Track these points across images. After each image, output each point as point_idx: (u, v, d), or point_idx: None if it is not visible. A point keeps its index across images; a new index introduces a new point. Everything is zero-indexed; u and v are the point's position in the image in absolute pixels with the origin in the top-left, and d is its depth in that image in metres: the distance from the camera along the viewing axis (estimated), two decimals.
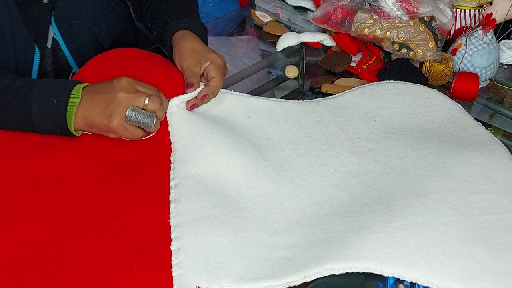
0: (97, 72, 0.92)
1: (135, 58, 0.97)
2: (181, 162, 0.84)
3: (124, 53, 0.98)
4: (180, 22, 0.98)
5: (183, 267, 0.69)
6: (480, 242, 0.71)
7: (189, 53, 0.93)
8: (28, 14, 0.96)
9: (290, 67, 1.16)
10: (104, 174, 0.81)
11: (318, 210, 0.80)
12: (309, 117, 0.97)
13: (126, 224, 0.74)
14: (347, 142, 0.92)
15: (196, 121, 0.88)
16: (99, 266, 0.69)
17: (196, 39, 0.96)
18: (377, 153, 0.89)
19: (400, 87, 1.03)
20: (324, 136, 0.93)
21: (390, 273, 0.67)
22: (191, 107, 0.90)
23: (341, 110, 0.99)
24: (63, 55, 1.06)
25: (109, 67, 0.93)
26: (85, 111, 0.82)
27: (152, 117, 0.83)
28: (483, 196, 0.79)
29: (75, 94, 0.82)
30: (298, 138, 0.92)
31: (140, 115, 0.82)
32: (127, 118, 0.82)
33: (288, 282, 0.68)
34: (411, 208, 0.75)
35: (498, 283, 0.67)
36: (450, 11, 1.13)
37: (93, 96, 0.83)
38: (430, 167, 0.84)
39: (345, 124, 0.96)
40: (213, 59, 0.92)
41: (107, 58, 0.96)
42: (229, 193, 0.81)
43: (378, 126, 0.95)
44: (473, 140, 0.91)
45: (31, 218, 0.74)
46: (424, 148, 0.89)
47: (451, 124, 0.96)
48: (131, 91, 0.83)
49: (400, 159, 0.87)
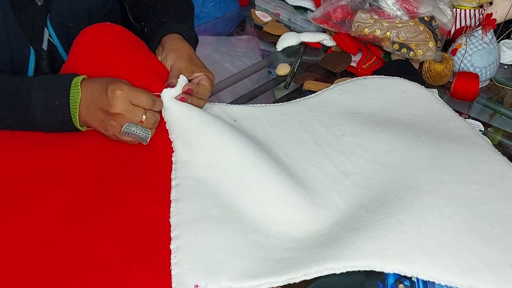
0: (87, 57, 0.90)
1: (122, 40, 0.94)
2: (183, 163, 0.84)
3: (112, 30, 0.95)
4: (176, 25, 0.98)
5: (182, 266, 0.69)
6: (476, 233, 0.72)
7: (187, 57, 0.93)
8: (23, 16, 0.96)
9: (283, 65, 1.16)
10: (105, 172, 0.81)
11: (317, 213, 0.80)
12: (292, 119, 0.97)
13: (126, 223, 0.75)
14: (333, 140, 0.92)
15: (189, 114, 0.87)
16: (99, 264, 0.69)
17: (190, 47, 0.96)
18: (365, 149, 0.89)
19: (377, 82, 1.03)
20: (310, 136, 0.93)
21: (390, 269, 0.67)
22: (181, 99, 0.88)
23: (322, 108, 0.99)
24: (59, 56, 1.05)
25: (98, 51, 0.90)
26: (84, 113, 0.83)
27: (148, 132, 0.84)
28: (474, 186, 0.79)
29: (74, 91, 0.82)
30: (285, 140, 0.92)
31: (136, 130, 0.83)
32: (123, 132, 0.82)
33: (288, 279, 0.68)
34: (405, 202, 0.76)
35: (496, 273, 0.67)
36: (450, 11, 1.13)
37: (91, 102, 0.82)
38: (419, 159, 0.84)
39: (328, 122, 0.96)
40: (208, 73, 0.93)
41: (95, 37, 0.93)
42: (229, 193, 0.81)
43: (361, 121, 0.95)
44: (455, 133, 0.92)
45: (31, 216, 0.74)
46: (410, 139, 0.89)
47: (431, 117, 0.96)
48: (126, 108, 0.81)
49: (388, 153, 0.87)
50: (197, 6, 1.40)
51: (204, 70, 0.93)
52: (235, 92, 1.10)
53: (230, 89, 1.11)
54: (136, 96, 0.82)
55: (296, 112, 0.99)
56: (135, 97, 0.82)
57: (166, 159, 0.85)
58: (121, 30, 0.95)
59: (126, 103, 0.81)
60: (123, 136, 0.83)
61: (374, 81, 1.04)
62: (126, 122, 0.82)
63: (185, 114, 0.87)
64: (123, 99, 0.81)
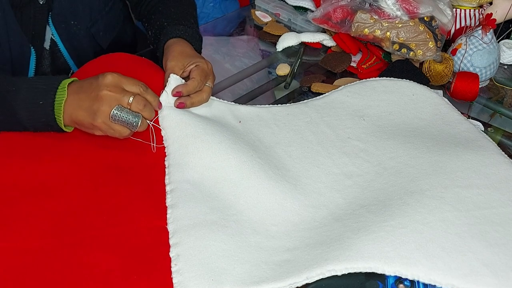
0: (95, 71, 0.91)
1: (125, 63, 0.97)
2: (176, 166, 0.83)
3: (114, 58, 0.98)
4: (175, 28, 0.98)
5: (183, 274, 0.68)
6: (478, 237, 0.72)
7: (177, 55, 0.93)
8: (24, 15, 0.96)
9: (283, 65, 1.16)
10: (99, 181, 0.80)
11: (315, 213, 0.80)
12: (298, 119, 0.97)
13: (124, 232, 0.73)
14: (338, 141, 0.92)
15: (189, 123, 0.88)
16: (97, 275, 0.68)
17: (187, 45, 0.96)
18: (369, 153, 0.89)
19: (386, 84, 1.03)
20: (315, 136, 0.93)
21: (392, 272, 0.67)
22: (178, 105, 0.89)
23: (330, 109, 0.99)
24: (61, 55, 1.05)
25: (107, 66, 0.92)
26: (70, 108, 0.82)
27: (138, 117, 0.82)
28: (477, 191, 0.79)
29: (60, 92, 0.82)
30: (290, 140, 0.92)
31: (126, 114, 0.81)
32: (112, 117, 0.81)
33: (290, 284, 0.68)
34: (408, 206, 0.76)
35: (499, 277, 0.67)
36: (450, 11, 1.13)
37: (79, 95, 0.82)
38: (423, 165, 0.84)
39: (334, 123, 0.96)
40: (199, 63, 0.92)
41: (97, 64, 0.95)
42: (226, 195, 0.80)
43: (367, 125, 0.95)
44: (462, 137, 0.91)
45: (27, 228, 0.73)
46: (415, 147, 0.89)
47: (439, 120, 0.96)
48: (116, 89, 0.81)
49: (392, 159, 0.87)
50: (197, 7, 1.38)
51: (195, 61, 0.92)
52: (235, 92, 1.10)
53: (230, 89, 1.11)
54: (126, 80, 0.83)
55: (303, 112, 0.98)
56: (126, 81, 0.83)
57: (159, 164, 0.84)
58: (125, 56, 0.98)
59: (116, 85, 0.81)
60: (113, 123, 0.81)
61: (383, 83, 1.03)
62: (115, 106, 0.80)
63: (185, 121, 0.87)
64: (113, 81, 0.81)
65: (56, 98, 0.81)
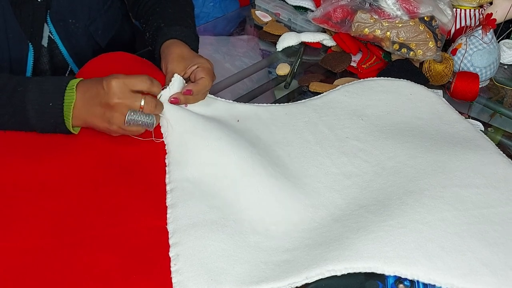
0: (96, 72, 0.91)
1: (126, 62, 0.96)
2: (176, 165, 0.83)
3: (115, 57, 0.97)
4: (171, 30, 0.97)
5: (183, 273, 0.69)
6: (478, 236, 0.72)
7: (176, 57, 0.93)
8: (23, 12, 0.96)
9: (283, 65, 1.16)
10: (99, 181, 0.80)
11: (315, 213, 0.80)
12: (297, 119, 0.97)
13: (123, 232, 0.73)
14: (337, 141, 0.92)
15: (188, 119, 0.88)
16: (97, 275, 0.68)
17: (185, 47, 0.95)
18: (368, 153, 0.89)
19: (383, 84, 1.03)
20: (314, 136, 0.93)
21: (391, 271, 0.68)
22: (172, 101, 0.88)
23: (328, 109, 0.99)
24: (59, 53, 1.05)
25: (108, 66, 0.92)
26: (83, 113, 0.82)
27: (152, 117, 0.83)
28: (476, 190, 0.79)
29: (69, 94, 0.82)
30: (288, 140, 0.92)
31: (140, 117, 0.82)
32: (127, 123, 0.81)
33: (290, 284, 0.68)
34: (407, 206, 0.76)
35: (498, 276, 0.68)
36: (450, 11, 1.13)
37: (88, 99, 0.82)
38: (421, 165, 0.84)
39: (333, 123, 0.96)
40: (201, 63, 0.91)
41: (98, 63, 0.95)
42: (226, 193, 0.80)
43: (365, 125, 0.95)
44: (460, 136, 0.92)
45: (27, 228, 0.73)
46: (414, 146, 0.89)
47: (437, 120, 0.96)
48: (125, 95, 0.81)
49: (391, 159, 0.87)
50: (197, 6, 1.39)
51: (197, 61, 0.92)
52: (235, 92, 1.10)
53: (230, 89, 1.11)
54: (132, 81, 0.82)
55: (301, 112, 0.98)
56: (131, 82, 0.82)
57: (160, 163, 0.84)
58: (124, 55, 0.97)
59: (123, 90, 0.81)
60: (129, 126, 0.82)
61: (380, 83, 1.03)
62: (128, 111, 0.81)
63: (183, 118, 0.87)
64: (119, 87, 0.81)
65: (65, 101, 0.82)
